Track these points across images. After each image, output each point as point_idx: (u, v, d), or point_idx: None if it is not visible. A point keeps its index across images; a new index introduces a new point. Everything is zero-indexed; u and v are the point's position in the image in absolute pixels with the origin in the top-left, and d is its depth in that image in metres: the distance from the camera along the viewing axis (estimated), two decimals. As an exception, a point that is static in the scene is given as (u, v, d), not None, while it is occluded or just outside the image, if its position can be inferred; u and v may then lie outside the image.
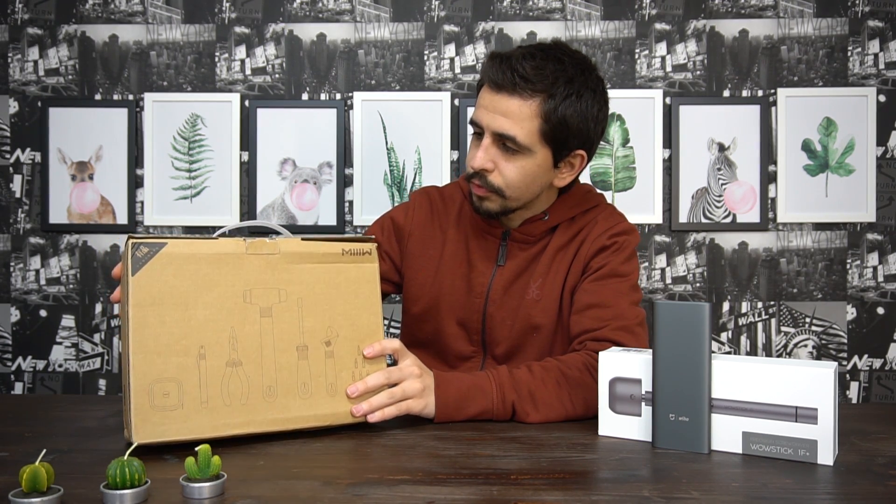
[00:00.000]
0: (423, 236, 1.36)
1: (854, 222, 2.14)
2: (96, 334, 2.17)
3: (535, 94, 1.16)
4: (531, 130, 1.17)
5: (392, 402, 1.02)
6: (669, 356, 0.92)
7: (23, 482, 0.69)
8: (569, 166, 1.26)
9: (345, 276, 1.02)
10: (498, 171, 1.21)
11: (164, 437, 0.89)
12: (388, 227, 1.40)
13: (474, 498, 0.75)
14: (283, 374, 0.97)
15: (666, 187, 2.15)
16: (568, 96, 1.17)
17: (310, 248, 1.01)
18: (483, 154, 1.20)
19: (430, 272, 1.33)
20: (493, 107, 1.18)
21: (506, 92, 1.17)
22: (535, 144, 1.19)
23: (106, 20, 2.17)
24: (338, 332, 1.01)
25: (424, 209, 1.38)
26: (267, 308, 0.97)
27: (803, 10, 2.14)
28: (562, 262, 1.27)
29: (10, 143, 2.17)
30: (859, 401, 2.16)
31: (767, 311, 2.16)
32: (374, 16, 2.16)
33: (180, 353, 0.91)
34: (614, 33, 2.15)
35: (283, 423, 0.96)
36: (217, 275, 0.94)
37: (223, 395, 0.93)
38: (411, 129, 2.15)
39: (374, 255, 1.05)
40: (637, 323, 1.21)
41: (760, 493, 0.77)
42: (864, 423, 1.06)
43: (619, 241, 1.26)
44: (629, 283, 1.24)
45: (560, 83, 1.17)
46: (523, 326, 1.27)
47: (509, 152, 1.20)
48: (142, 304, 0.90)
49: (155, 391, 0.89)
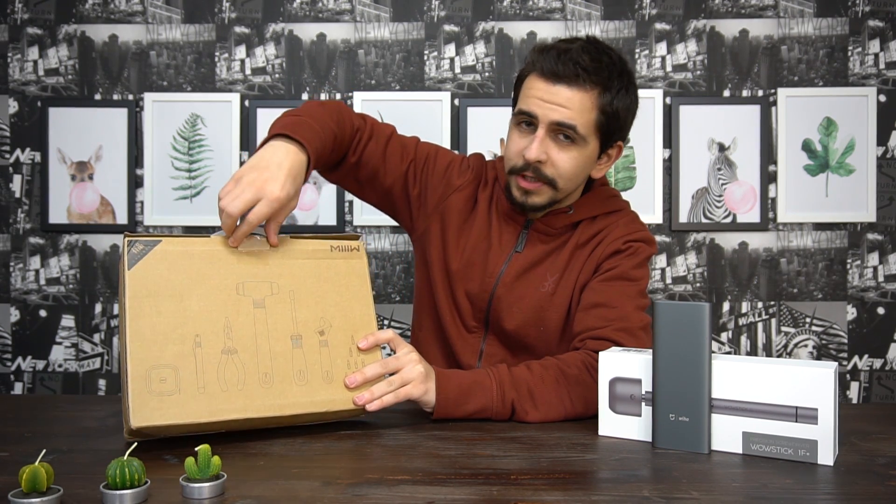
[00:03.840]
0: (467, 198, 1.35)
1: (854, 222, 2.14)
2: (96, 334, 2.17)
3: (595, 86, 1.20)
4: (589, 121, 1.20)
5: (391, 390, 1.03)
6: (669, 356, 0.92)
7: (22, 482, 0.69)
8: (607, 157, 1.30)
9: (335, 270, 1.05)
10: (551, 163, 1.22)
11: (161, 421, 0.88)
12: (446, 170, 1.36)
13: (474, 498, 0.75)
14: (278, 361, 0.98)
15: (666, 187, 2.15)
16: (621, 89, 1.22)
17: (299, 245, 1.05)
18: (538, 145, 1.21)
19: (463, 235, 1.33)
20: (551, 97, 1.19)
21: (564, 83, 1.19)
22: (590, 135, 1.22)
23: (106, 20, 2.16)
24: (331, 322, 1.03)
25: (477, 175, 1.38)
26: (260, 300, 0.99)
27: (803, 10, 2.14)
28: (578, 259, 1.29)
29: (9, 143, 2.17)
30: (859, 401, 2.16)
31: (767, 311, 2.16)
32: (374, 16, 2.16)
33: (176, 341, 0.92)
34: (614, 33, 2.15)
35: (281, 409, 0.96)
36: (210, 269, 0.97)
37: (220, 380, 0.93)
38: (411, 129, 2.14)
39: (361, 251, 1.08)
40: (640, 327, 1.21)
41: (760, 493, 0.77)
42: (864, 424, 1.06)
43: (633, 247, 1.27)
44: (637, 288, 1.25)
45: (614, 77, 1.21)
46: (531, 317, 1.28)
47: (563, 143, 1.21)
48: (138, 295, 0.91)
49: (152, 377, 0.90)
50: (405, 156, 1.35)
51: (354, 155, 1.29)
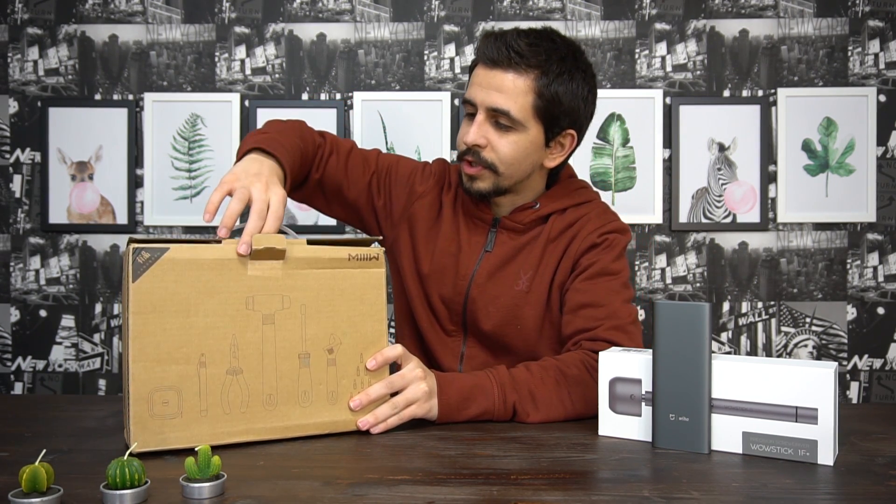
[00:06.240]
0: (431, 203, 1.35)
1: (854, 222, 2.14)
2: (96, 334, 2.17)
3: (530, 69, 1.18)
4: (525, 105, 1.19)
5: (395, 413, 1.02)
6: (669, 356, 0.92)
7: (23, 482, 0.69)
8: (559, 146, 1.27)
9: (350, 281, 1.01)
10: (491, 147, 1.22)
11: (162, 446, 0.89)
12: (409, 178, 1.37)
13: (474, 498, 0.75)
14: (283, 382, 0.96)
15: (666, 187, 2.15)
16: (561, 74, 1.20)
17: (315, 252, 0.99)
18: (476, 129, 1.21)
19: (431, 240, 1.34)
20: (488, 83, 1.20)
21: (500, 67, 1.19)
22: (528, 120, 1.20)
23: (106, 20, 2.17)
24: (341, 339, 1.00)
25: (440, 179, 1.38)
26: (269, 315, 0.95)
27: (803, 10, 2.14)
28: (552, 255, 1.27)
29: (9, 143, 2.17)
30: (859, 401, 2.16)
31: (767, 311, 2.16)
32: (374, 16, 2.16)
33: (181, 360, 0.90)
34: (614, 33, 2.15)
35: (283, 432, 0.96)
36: (219, 281, 0.93)
37: (223, 403, 0.92)
38: (411, 128, 2.15)
39: (381, 259, 1.03)
40: (630, 321, 1.21)
41: (760, 493, 0.77)
42: (864, 423, 1.06)
43: (609, 239, 1.26)
44: (620, 281, 1.24)
45: (553, 61, 1.19)
46: (507, 316, 1.27)
47: (502, 129, 1.21)
48: (142, 311, 0.89)
49: (154, 399, 0.89)
50: (367, 168, 1.36)
51: (318, 171, 1.31)
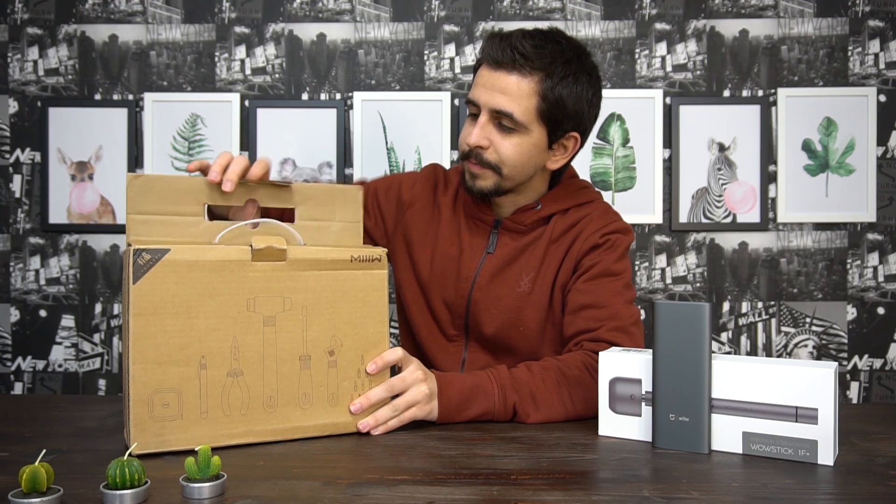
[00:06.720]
0: (422, 209, 1.36)
1: (854, 222, 2.14)
2: (96, 334, 2.17)
3: (534, 71, 1.18)
4: (528, 108, 1.19)
5: (395, 415, 1.02)
6: (669, 356, 0.92)
7: (22, 482, 0.69)
8: (562, 148, 1.27)
9: (353, 283, 1.00)
10: (493, 149, 1.22)
11: (162, 448, 0.89)
12: (394, 190, 1.39)
13: (474, 498, 0.75)
14: (284, 384, 0.96)
15: (666, 187, 2.15)
16: (565, 77, 1.19)
17: (318, 254, 0.99)
18: (479, 131, 1.21)
19: (428, 246, 1.34)
20: (491, 84, 1.19)
21: (504, 69, 1.18)
22: (531, 122, 1.20)
23: (106, 20, 2.16)
24: (342, 341, 1.00)
25: (430, 184, 1.38)
26: (270, 317, 0.95)
27: (803, 10, 2.14)
28: (554, 255, 1.27)
29: (9, 143, 2.17)
30: (859, 401, 2.16)
31: (767, 311, 2.16)
32: (374, 16, 2.16)
33: (181, 362, 0.90)
34: (614, 33, 2.15)
35: (283, 434, 0.96)
36: (220, 283, 0.93)
37: (223, 405, 0.92)
38: (411, 129, 2.15)
39: (383, 261, 1.03)
40: (632, 322, 1.20)
41: (760, 493, 0.77)
42: (865, 424, 1.06)
43: (611, 239, 1.26)
44: (622, 282, 1.24)
45: (558, 63, 1.19)
46: (510, 318, 1.27)
47: (505, 131, 1.21)
48: (143, 313, 0.89)
49: (154, 401, 0.89)
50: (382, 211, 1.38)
51: None
